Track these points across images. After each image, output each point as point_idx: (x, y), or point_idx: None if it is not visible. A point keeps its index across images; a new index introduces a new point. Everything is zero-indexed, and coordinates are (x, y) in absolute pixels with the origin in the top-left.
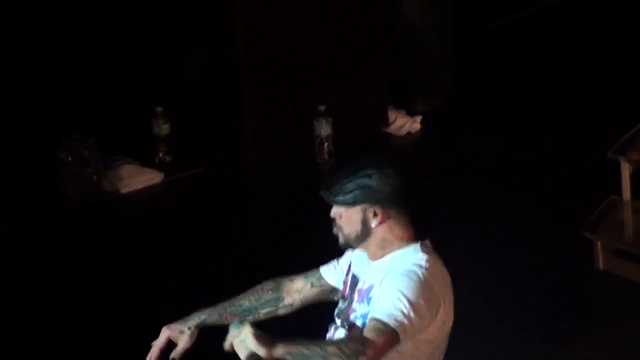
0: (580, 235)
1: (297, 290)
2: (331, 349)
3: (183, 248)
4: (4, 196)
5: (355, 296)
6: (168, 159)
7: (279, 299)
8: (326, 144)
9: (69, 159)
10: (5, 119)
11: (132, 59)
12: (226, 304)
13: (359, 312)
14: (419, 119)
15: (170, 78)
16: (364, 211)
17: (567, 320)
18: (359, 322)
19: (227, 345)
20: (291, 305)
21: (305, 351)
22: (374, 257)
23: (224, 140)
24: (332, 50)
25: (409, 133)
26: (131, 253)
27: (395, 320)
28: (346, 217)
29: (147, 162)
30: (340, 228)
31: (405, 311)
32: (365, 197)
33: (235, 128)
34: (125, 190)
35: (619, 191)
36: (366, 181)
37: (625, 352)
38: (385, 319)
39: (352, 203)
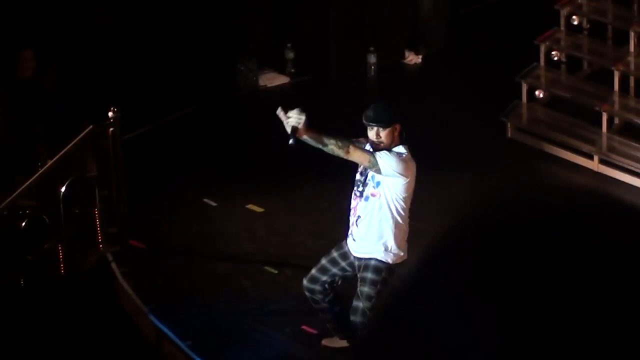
0: (500, 120)
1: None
2: (332, 141)
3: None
4: (194, 84)
5: (369, 174)
6: (293, 70)
7: (343, 145)
8: (373, 67)
9: (242, 68)
10: (201, 35)
11: None
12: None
13: (371, 178)
14: (421, 56)
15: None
16: (393, 129)
17: (483, 161)
18: (370, 182)
19: (282, 114)
20: (343, 147)
21: (318, 138)
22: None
23: (317, 54)
24: (379, 10)
25: (415, 64)
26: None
27: (379, 155)
28: (384, 134)
29: (281, 71)
30: (381, 140)
31: (385, 155)
32: (394, 122)
33: (323, 48)
34: (269, 85)
35: (520, 98)
36: (392, 112)
37: (506, 183)
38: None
39: (388, 125)
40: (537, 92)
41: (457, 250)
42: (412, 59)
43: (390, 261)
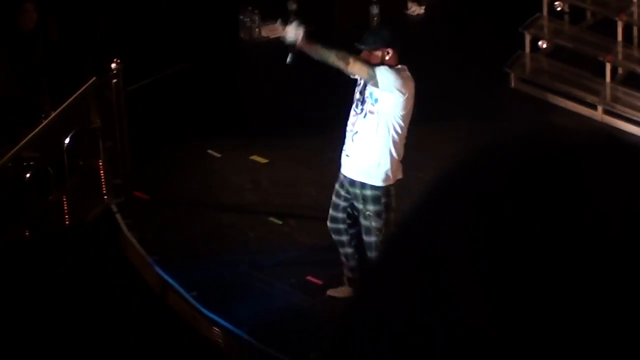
0: (503, 71)
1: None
2: (332, 52)
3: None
4: (197, 36)
5: (366, 93)
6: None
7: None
8: (375, 18)
9: (244, 19)
10: None
11: None
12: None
13: (369, 95)
14: (423, 7)
15: None
16: (383, 51)
17: (487, 111)
18: (369, 99)
19: (280, 28)
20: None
21: (319, 50)
22: None
23: (320, 6)
24: None
25: (417, 14)
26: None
27: (378, 69)
28: (372, 56)
29: (284, 22)
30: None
31: (384, 69)
32: (382, 44)
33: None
34: (272, 36)
35: (523, 48)
36: (382, 34)
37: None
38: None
39: (375, 48)
40: (540, 43)
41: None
42: (415, 9)
43: (384, 183)
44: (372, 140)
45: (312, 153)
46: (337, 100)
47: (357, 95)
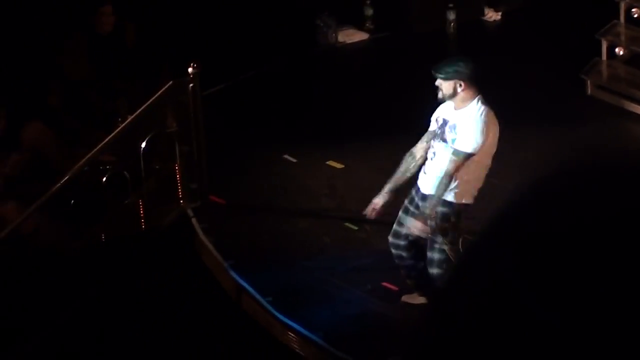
0: (580, 78)
1: (421, 149)
2: (442, 183)
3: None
4: (274, 41)
5: (447, 129)
6: (372, 26)
7: (414, 159)
8: (452, 24)
9: (321, 24)
10: None
11: None
12: (395, 177)
13: (449, 137)
14: (500, 13)
15: None
16: (455, 83)
17: (563, 119)
18: (449, 140)
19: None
20: (420, 158)
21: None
22: (458, 107)
23: (396, 11)
24: None
25: (494, 20)
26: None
27: (467, 146)
28: (445, 85)
29: (360, 27)
30: (441, 90)
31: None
32: (455, 76)
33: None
34: (348, 41)
35: (600, 55)
36: (456, 67)
37: (586, 140)
38: (458, 147)
39: (447, 78)
40: (617, 50)
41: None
42: (492, 15)
43: (454, 200)
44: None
45: (388, 159)
46: (414, 106)
47: (435, 129)
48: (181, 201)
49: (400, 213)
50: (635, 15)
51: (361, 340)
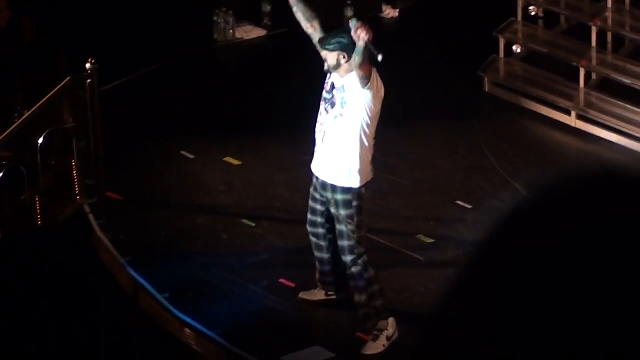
0: (478, 75)
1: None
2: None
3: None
4: (170, 36)
5: (335, 92)
6: (269, 23)
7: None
8: (349, 20)
9: (219, 20)
10: None
11: None
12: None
13: (339, 98)
14: (397, 10)
15: None
16: (338, 54)
17: (460, 115)
18: (339, 101)
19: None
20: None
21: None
22: (342, 75)
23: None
24: None
25: (391, 17)
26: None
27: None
28: (330, 57)
29: (258, 24)
30: (326, 61)
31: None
32: (337, 47)
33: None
34: (246, 37)
35: (497, 52)
36: (339, 39)
37: (483, 137)
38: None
39: (332, 50)
40: (514, 47)
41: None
42: (389, 12)
43: (356, 185)
44: (341, 142)
45: (286, 155)
46: (310, 101)
47: (325, 95)
48: (78, 197)
49: (310, 202)
50: (533, 13)
51: (258, 336)
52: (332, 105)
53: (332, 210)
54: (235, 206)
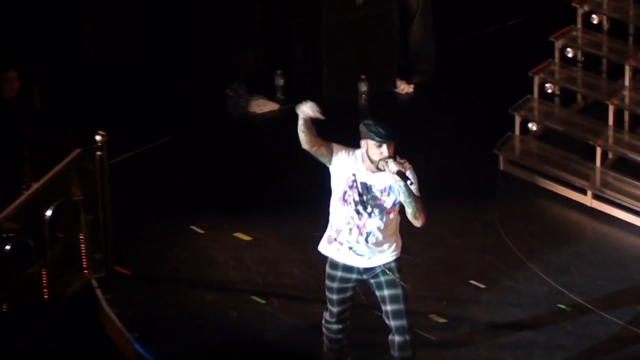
0: (493, 153)
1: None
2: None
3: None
4: (183, 109)
5: (377, 194)
6: (282, 97)
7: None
8: (364, 95)
9: (231, 94)
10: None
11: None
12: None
13: (387, 202)
14: (412, 86)
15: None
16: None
17: (475, 194)
18: (388, 205)
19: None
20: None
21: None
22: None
23: (306, 81)
24: (368, 44)
25: (406, 93)
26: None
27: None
28: (391, 149)
29: (271, 98)
30: (383, 159)
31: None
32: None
33: (314, 76)
34: (259, 111)
35: (513, 130)
36: (392, 127)
37: (498, 217)
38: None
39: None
40: (530, 125)
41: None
42: (404, 87)
43: (398, 255)
44: (390, 231)
45: (297, 231)
46: (322, 177)
47: (357, 199)
48: (85, 271)
49: (338, 295)
50: (549, 91)
51: None
52: (374, 206)
53: (382, 278)
54: (245, 282)
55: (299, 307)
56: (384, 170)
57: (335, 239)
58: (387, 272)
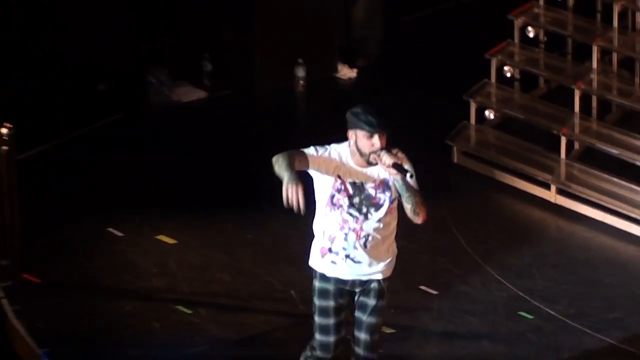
0: (445, 144)
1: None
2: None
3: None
4: (100, 99)
5: (372, 192)
6: (210, 83)
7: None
8: (301, 82)
9: (154, 81)
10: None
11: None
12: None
13: (383, 198)
14: (356, 70)
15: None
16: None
17: (426, 189)
18: (386, 202)
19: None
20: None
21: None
22: (365, 163)
23: (237, 66)
24: (306, 26)
25: (349, 78)
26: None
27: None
28: (383, 140)
29: (197, 84)
30: (374, 152)
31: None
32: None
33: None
34: (184, 100)
35: (468, 118)
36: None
37: (451, 215)
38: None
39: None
40: (487, 113)
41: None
42: (346, 72)
43: (390, 274)
44: (387, 237)
45: (227, 233)
46: (254, 174)
47: (346, 201)
48: None
49: (332, 319)
50: (508, 75)
51: None
52: (369, 206)
53: (371, 302)
54: (169, 291)
55: (229, 318)
56: (376, 164)
57: (330, 249)
58: (379, 295)
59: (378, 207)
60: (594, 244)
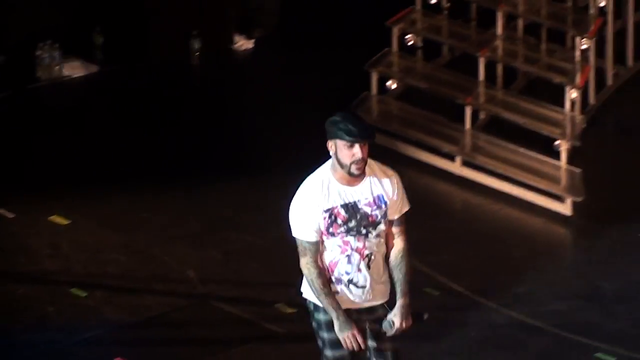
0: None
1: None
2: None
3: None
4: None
5: (367, 210)
6: (102, 57)
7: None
8: (197, 53)
9: (43, 55)
10: None
11: None
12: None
13: (379, 214)
14: (252, 41)
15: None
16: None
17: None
18: (382, 217)
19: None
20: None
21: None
22: (358, 180)
23: (129, 39)
24: None
25: (245, 49)
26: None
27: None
28: (365, 150)
29: (88, 59)
30: (356, 162)
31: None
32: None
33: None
34: (75, 75)
35: (369, 89)
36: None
37: None
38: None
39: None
40: (389, 83)
41: None
42: (243, 43)
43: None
44: (382, 248)
45: (122, 213)
46: (148, 151)
47: (343, 229)
48: None
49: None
50: (410, 43)
51: None
52: (370, 224)
53: (376, 328)
54: (63, 273)
55: (125, 300)
56: (360, 175)
57: (331, 279)
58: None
59: (376, 224)
60: (501, 216)
